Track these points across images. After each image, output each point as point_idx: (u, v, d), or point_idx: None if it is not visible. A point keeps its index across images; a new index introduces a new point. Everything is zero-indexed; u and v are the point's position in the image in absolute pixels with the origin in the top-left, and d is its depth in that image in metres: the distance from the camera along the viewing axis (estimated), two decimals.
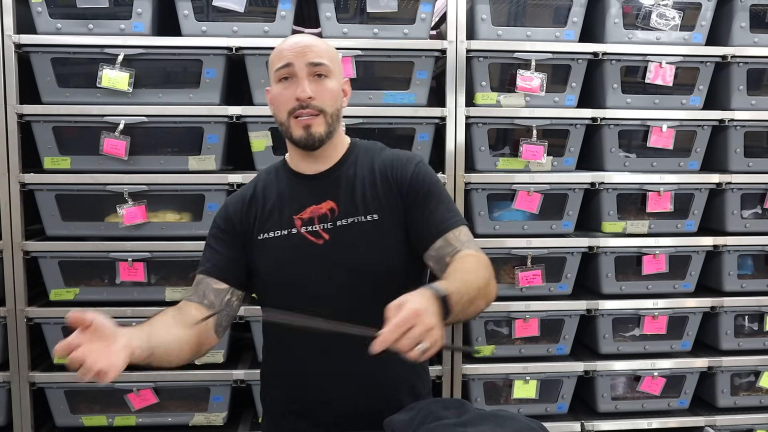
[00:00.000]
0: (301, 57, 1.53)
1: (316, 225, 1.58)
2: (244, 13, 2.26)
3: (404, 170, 1.60)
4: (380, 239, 1.57)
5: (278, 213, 1.61)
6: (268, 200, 1.63)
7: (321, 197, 1.60)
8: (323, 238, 1.57)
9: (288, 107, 1.54)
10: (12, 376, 2.26)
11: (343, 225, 1.57)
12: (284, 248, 1.58)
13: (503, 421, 1.36)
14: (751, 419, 2.49)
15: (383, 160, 1.63)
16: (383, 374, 1.58)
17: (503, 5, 2.43)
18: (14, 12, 2.18)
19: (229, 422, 2.37)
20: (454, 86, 2.31)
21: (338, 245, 1.56)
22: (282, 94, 1.55)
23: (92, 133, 2.23)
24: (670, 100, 2.45)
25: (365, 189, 1.60)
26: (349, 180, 1.61)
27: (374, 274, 1.56)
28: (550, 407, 2.43)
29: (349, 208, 1.58)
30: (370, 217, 1.57)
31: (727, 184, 2.44)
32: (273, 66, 1.57)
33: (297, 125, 1.55)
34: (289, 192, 1.63)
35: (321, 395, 1.59)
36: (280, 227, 1.60)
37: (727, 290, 2.49)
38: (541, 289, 2.40)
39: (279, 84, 1.56)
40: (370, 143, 1.71)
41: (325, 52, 1.57)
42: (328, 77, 1.56)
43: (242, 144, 2.35)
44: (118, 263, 2.25)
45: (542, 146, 2.35)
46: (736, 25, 2.44)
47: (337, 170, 1.62)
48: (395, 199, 1.59)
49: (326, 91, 1.55)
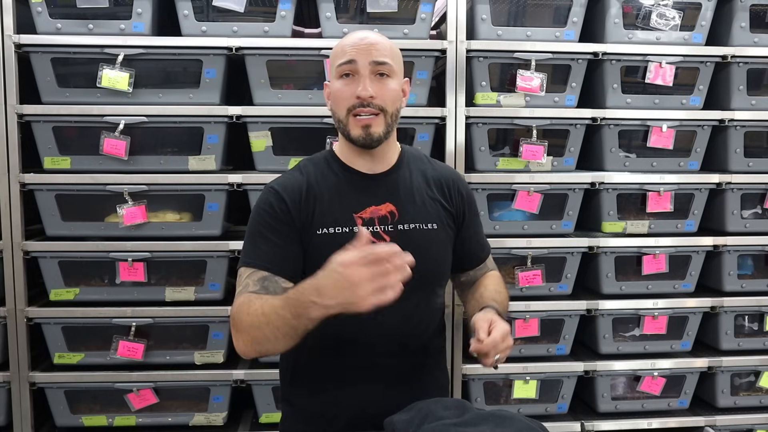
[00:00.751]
0: (365, 54, 1.52)
1: (377, 226, 1.58)
2: (244, 13, 2.26)
3: (458, 191, 1.72)
4: (438, 247, 1.65)
5: (338, 208, 1.58)
6: (324, 193, 1.59)
7: (380, 199, 1.60)
8: (384, 240, 1.57)
9: (348, 104, 1.53)
10: (12, 376, 2.26)
11: (404, 229, 1.59)
12: (346, 245, 1.56)
13: (503, 421, 1.36)
14: (751, 419, 2.48)
15: (437, 174, 1.71)
16: (420, 378, 1.64)
17: (503, 5, 2.43)
18: (14, 12, 2.18)
19: (229, 422, 2.37)
20: (454, 86, 2.31)
21: (400, 248, 1.56)
22: (342, 91, 1.54)
23: (92, 133, 2.23)
24: (670, 100, 2.45)
25: (424, 198, 1.64)
26: (407, 185, 1.63)
27: (431, 280, 1.64)
28: (550, 407, 2.43)
29: (409, 213, 1.61)
30: (431, 225, 1.63)
31: (727, 184, 2.44)
32: (335, 61, 1.56)
33: (356, 124, 1.54)
34: (346, 188, 1.61)
35: (353, 399, 1.58)
36: (342, 224, 1.57)
37: (727, 290, 2.49)
38: (541, 289, 2.40)
39: (340, 80, 1.55)
40: (414, 149, 1.77)
41: (388, 50, 1.56)
42: (390, 77, 1.56)
43: (242, 144, 2.35)
44: (118, 263, 2.25)
45: (542, 146, 2.35)
46: (736, 25, 2.44)
47: (394, 173, 1.64)
48: (449, 215, 1.68)
49: (388, 90, 1.54)
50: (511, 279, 2.39)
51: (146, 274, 2.26)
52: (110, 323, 2.26)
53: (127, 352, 2.25)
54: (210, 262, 2.27)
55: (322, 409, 1.61)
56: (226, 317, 2.26)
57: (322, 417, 1.61)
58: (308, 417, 1.63)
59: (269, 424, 2.32)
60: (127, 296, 2.28)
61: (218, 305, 2.28)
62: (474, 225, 1.76)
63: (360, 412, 1.59)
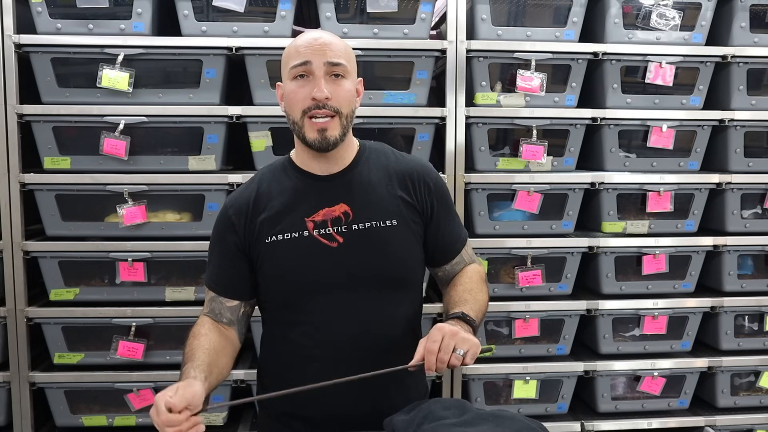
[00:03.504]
0: (320, 55, 1.49)
1: (330, 228, 1.55)
2: (244, 13, 2.26)
3: (425, 183, 1.64)
4: (399, 245, 1.58)
5: (288, 214, 1.56)
6: (275, 200, 1.58)
7: (334, 200, 1.56)
8: (337, 241, 1.54)
9: (303, 106, 1.50)
10: (12, 376, 2.26)
11: (359, 229, 1.55)
12: (296, 251, 1.54)
13: (503, 421, 1.36)
14: (751, 419, 2.48)
15: (400, 167, 1.64)
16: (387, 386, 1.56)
17: (503, 5, 2.43)
18: (14, 12, 2.18)
19: (229, 422, 2.37)
20: (454, 86, 2.31)
21: (354, 249, 1.54)
22: (297, 93, 1.51)
23: (92, 133, 2.23)
24: (670, 100, 2.45)
25: (381, 195, 1.59)
26: (363, 183, 1.59)
27: (393, 280, 1.58)
28: (550, 407, 2.43)
29: (364, 212, 1.56)
30: (389, 222, 1.57)
31: (727, 184, 2.44)
32: (288, 62, 1.53)
33: (311, 127, 1.51)
34: (299, 192, 1.58)
35: (320, 398, 1.55)
36: (291, 229, 1.55)
37: (727, 290, 2.49)
38: (541, 289, 2.40)
39: (294, 81, 1.51)
40: (378, 144, 1.70)
41: (343, 51, 1.53)
42: (345, 77, 1.53)
43: (242, 144, 2.35)
44: (118, 263, 2.25)
45: (542, 146, 2.35)
46: (736, 25, 2.44)
47: (350, 172, 1.60)
48: (412, 210, 1.61)
49: (343, 91, 1.51)
50: (511, 279, 2.39)
51: (146, 274, 2.26)
52: (110, 323, 2.26)
53: (127, 352, 2.25)
54: None
55: (293, 411, 1.60)
56: None
57: (295, 417, 1.61)
58: (282, 418, 1.63)
59: None
60: (127, 296, 2.28)
61: None
62: (446, 217, 1.67)
63: (332, 413, 1.57)
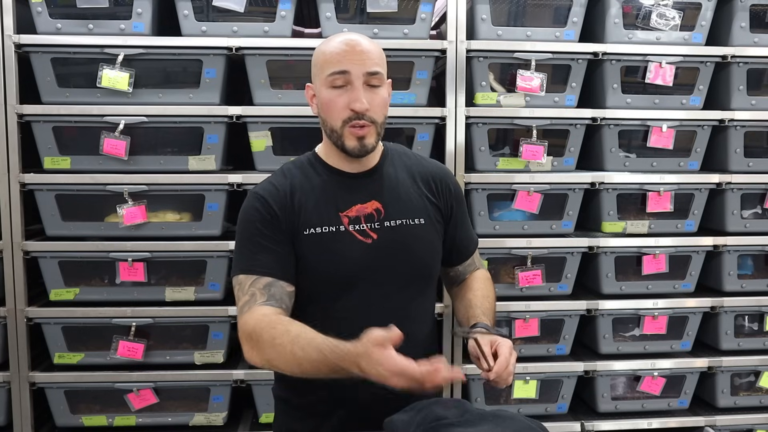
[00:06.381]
0: (359, 65, 1.51)
1: (363, 224, 1.59)
2: (244, 13, 2.26)
3: (446, 185, 1.71)
4: (427, 242, 1.66)
5: (323, 208, 1.59)
6: (309, 194, 1.60)
7: (366, 197, 1.61)
8: (371, 237, 1.58)
9: (343, 116, 1.52)
10: (12, 376, 2.26)
11: (391, 226, 1.60)
12: (334, 245, 1.57)
13: (503, 421, 1.36)
14: (751, 419, 2.49)
15: (423, 169, 1.71)
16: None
17: (503, 5, 2.43)
18: (14, 12, 2.18)
19: (229, 422, 2.37)
20: (454, 86, 2.31)
21: (387, 245, 1.59)
22: (336, 102, 1.52)
23: (92, 133, 2.23)
24: (670, 100, 2.45)
25: (409, 194, 1.65)
26: (391, 182, 1.64)
27: (421, 275, 1.66)
28: (550, 407, 2.43)
29: (395, 209, 1.62)
30: (417, 220, 1.64)
31: (727, 184, 2.44)
32: (325, 68, 1.53)
33: (351, 135, 1.54)
34: (331, 188, 1.61)
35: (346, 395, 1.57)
36: (328, 223, 1.58)
37: (727, 290, 2.49)
38: (541, 289, 2.40)
39: (332, 90, 1.53)
40: (397, 145, 1.76)
41: (379, 57, 1.55)
42: (381, 86, 1.56)
43: (242, 144, 2.35)
44: (118, 263, 2.25)
45: (542, 146, 2.35)
46: (736, 25, 2.44)
47: (378, 171, 1.65)
48: (436, 210, 1.69)
49: (380, 101, 1.55)
50: (511, 279, 2.39)
51: (146, 274, 2.26)
52: (110, 323, 2.26)
53: (127, 352, 2.25)
54: (210, 262, 2.27)
55: (316, 406, 1.61)
56: (226, 317, 2.26)
57: (316, 414, 1.62)
58: (302, 414, 1.64)
59: (269, 424, 2.31)
60: (127, 296, 2.28)
61: (218, 305, 2.28)
62: (463, 219, 1.77)
63: (353, 409, 1.59)
